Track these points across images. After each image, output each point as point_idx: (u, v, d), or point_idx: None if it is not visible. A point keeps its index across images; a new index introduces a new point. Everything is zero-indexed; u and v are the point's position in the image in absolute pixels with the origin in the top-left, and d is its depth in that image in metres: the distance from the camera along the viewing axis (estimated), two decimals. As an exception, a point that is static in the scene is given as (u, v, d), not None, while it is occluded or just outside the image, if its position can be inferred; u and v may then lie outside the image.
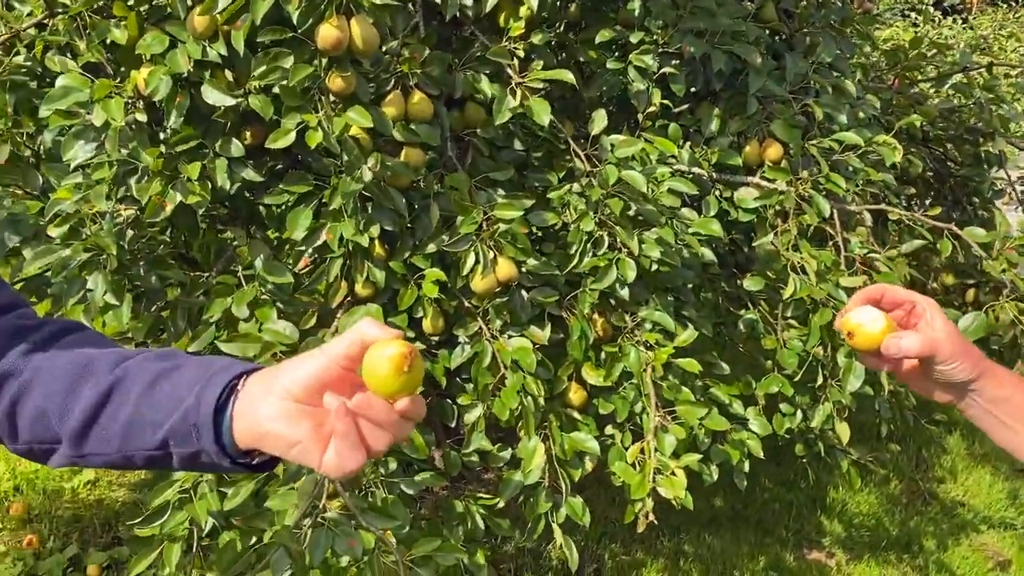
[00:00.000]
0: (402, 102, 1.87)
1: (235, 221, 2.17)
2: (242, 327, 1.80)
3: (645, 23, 2.16)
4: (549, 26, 2.35)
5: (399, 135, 1.86)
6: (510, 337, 1.98)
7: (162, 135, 1.83)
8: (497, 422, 1.91)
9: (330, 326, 1.88)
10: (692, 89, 2.34)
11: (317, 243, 1.86)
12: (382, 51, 1.86)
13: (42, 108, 1.69)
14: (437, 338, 2.02)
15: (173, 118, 1.71)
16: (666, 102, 2.22)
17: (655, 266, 1.97)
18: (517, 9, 2.00)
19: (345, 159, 1.75)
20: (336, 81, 1.69)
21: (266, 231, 2.16)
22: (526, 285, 2.01)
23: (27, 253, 1.78)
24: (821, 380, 2.17)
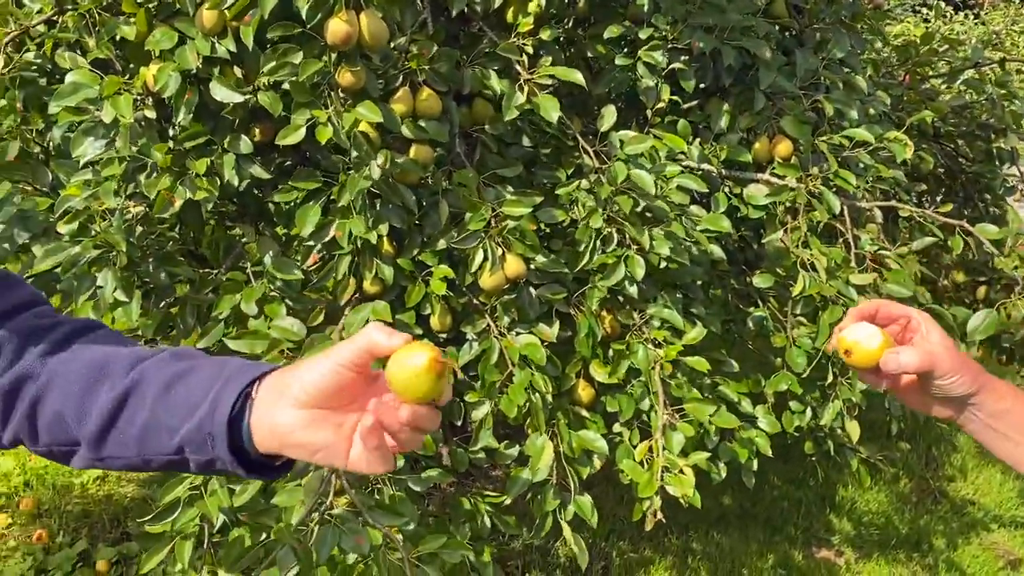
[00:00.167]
0: (411, 99, 1.87)
1: (244, 218, 2.18)
2: (251, 324, 1.81)
3: (654, 19, 2.15)
4: (558, 22, 2.34)
5: (408, 132, 1.86)
6: (518, 334, 1.97)
7: (171, 132, 1.84)
8: (505, 419, 1.91)
9: (338, 323, 1.88)
10: (701, 85, 2.33)
11: (326, 240, 1.86)
12: (390, 47, 1.86)
13: (51, 104, 1.69)
14: (445, 335, 2.02)
15: (182, 115, 1.71)
16: (675, 98, 2.21)
17: (664, 263, 1.96)
18: (526, 5, 2.00)
19: (354, 155, 1.75)
20: (345, 76, 1.68)
21: (275, 228, 2.16)
22: (534, 282, 2.01)
23: (37, 250, 1.79)
24: (831, 378, 2.16)
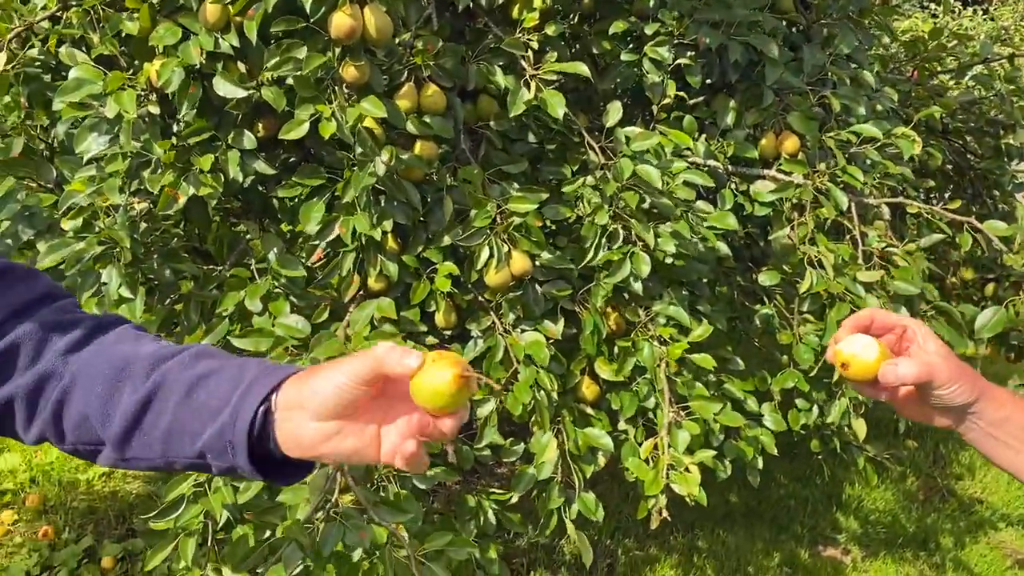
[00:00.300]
0: (415, 95, 1.86)
1: (248, 215, 2.17)
2: (255, 321, 1.80)
3: (660, 14, 2.14)
4: (563, 17, 2.33)
5: (412, 128, 1.85)
6: (523, 331, 1.96)
7: (175, 128, 1.83)
8: (510, 417, 1.90)
9: (343, 320, 1.87)
10: (708, 81, 2.32)
11: (330, 237, 1.85)
12: (395, 43, 1.85)
13: (55, 100, 1.69)
14: (450, 332, 2.02)
15: (185, 110, 1.71)
16: (681, 94, 2.20)
17: (670, 260, 1.95)
18: (531, 0, 1.99)
19: (359, 151, 1.74)
20: (350, 70, 1.68)
21: (279, 225, 2.16)
22: (539, 279, 2.00)
23: (41, 246, 1.79)
24: (837, 376, 2.15)
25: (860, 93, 2.33)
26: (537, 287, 1.99)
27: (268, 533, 1.66)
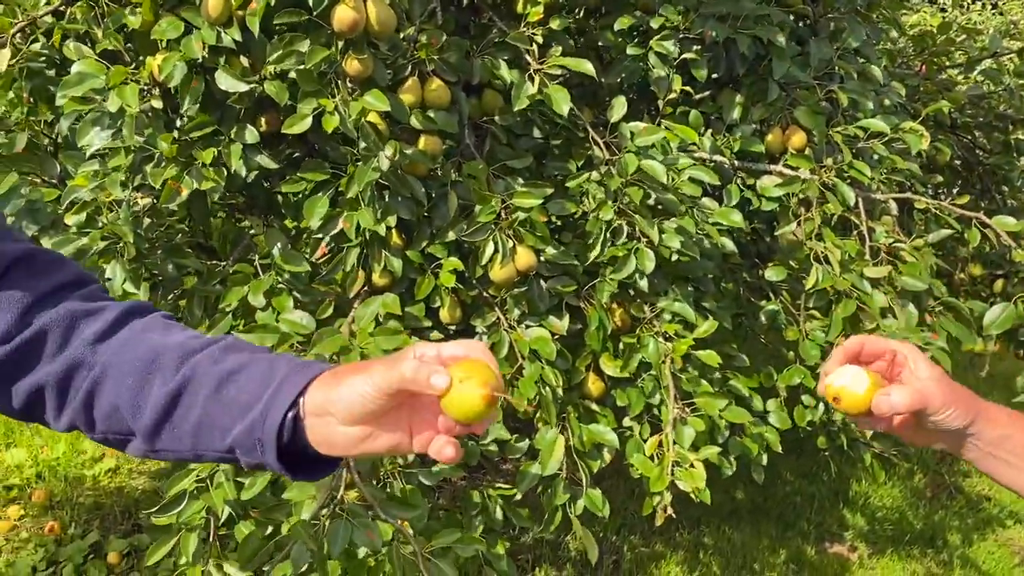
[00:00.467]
0: (419, 89, 1.85)
1: (253, 210, 2.17)
2: (259, 316, 1.80)
3: (665, 8, 2.12)
4: (568, 11, 2.31)
5: (416, 122, 1.84)
6: (528, 327, 1.95)
7: (177, 122, 1.83)
8: (515, 413, 1.89)
9: (348, 316, 1.87)
10: (714, 75, 2.30)
11: (334, 232, 1.84)
12: (399, 37, 1.84)
13: (58, 95, 1.69)
14: (454, 328, 2.01)
15: (187, 104, 1.70)
16: (687, 89, 2.18)
17: (675, 256, 1.94)
18: (536, -6, 1.97)
19: (362, 146, 1.73)
20: (353, 64, 1.67)
21: (283, 220, 2.15)
22: (544, 275, 1.99)
23: (45, 242, 1.78)
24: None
25: (868, 88, 2.31)
26: (542, 283, 1.98)
27: (271, 530, 1.66)
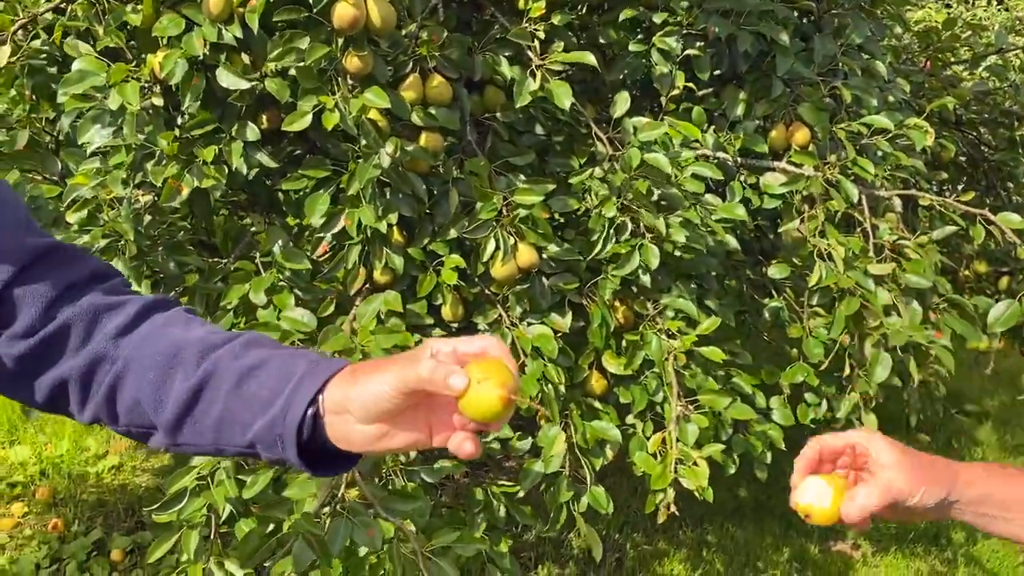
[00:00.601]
0: (421, 86, 1.85)
1: (254, 207, 2.16)
2: (260, 314, 1.79)
3: (668, 4, 2.11)
4: (571, 8, 2.31)
5: (418, 119, 1.83)
6: (530, 325, 1.95)
7: (179, 119, 1.82)
8: (518, 410, 1.89)
9: (349, 313, 1.86)
10: (717, 72, 2.29)
11: (335, 229, 1.84)
12: (401, 34, 1.83)
13: (59, 92, 1.68)
14: (456, 325, 2.00)
15: (188, 102, 1.70)
16: (690, 85, 2.17)
17: (679, 251, 1.93)
18: (538, -10, 1.97)
19: (363, 143, 1.72)
20: (353, 61, 1.66)
21: (285, 218, 2.15)
22: (547, 272, 1.98)
23: (46, 239, 1.78)
24: (848, 370, 2.12)
25: (872, 84, 2.30)
26: (544, 280, 1.98)
27: (272, 527, 1.65)
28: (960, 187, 3.11)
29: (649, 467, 1.88)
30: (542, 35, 1.92)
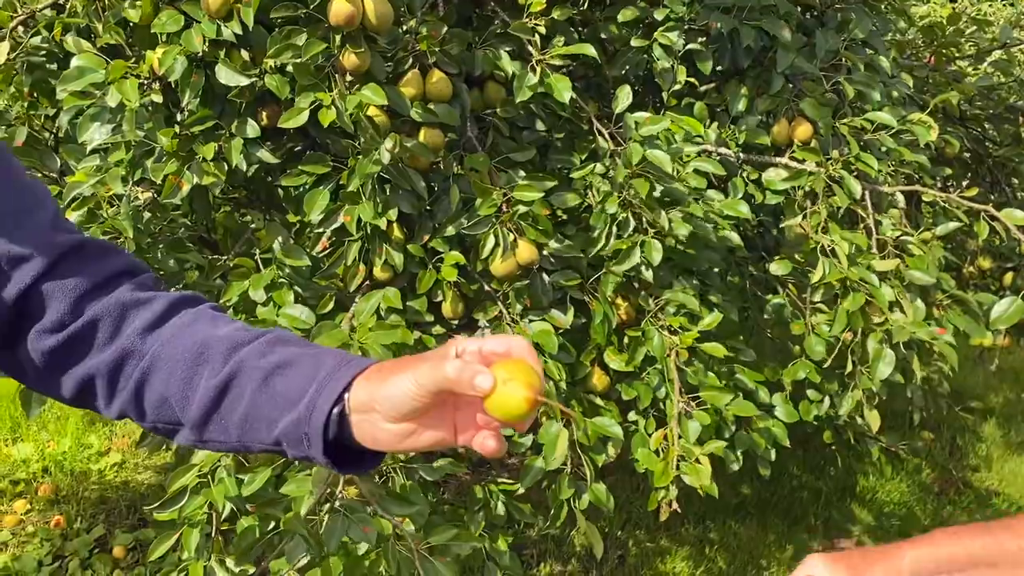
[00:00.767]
0: (420, 81, 1.84)
1: (254, 204, 2.16)
2: (260, 311, 1.79)
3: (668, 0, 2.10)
4: (572, 3, 2.29)
5: (417, 115, 1.82)
6: (531, 321, 1.94)
7: (178, 116, 1.82)
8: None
9: (348, 310, 1.86)
10: (719, 67, 2.28)
11: (335, 226, 1.83)
12: (400, 30, 1.83)
13: (57, 89, 1.68)
14: (457, 322, 2.00)
15: (188, 98, 1.69)
16: (692, 80, 2.16)
17: (681, 246, 1.92)
18: (538, -15, 1.96)
19: (362, 140, 1.72)
20: (350, 58, 1.66)
21: (285, 214, 2.14)
22: (548, 268, 1.97)
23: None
24: (850, 367, 2.11)
25: (875, 79, 2.28)
26: (545, 276, 1.97)
27: (272, 525, 1.65)
28: (964, 183, 3.09)
29: (651, 464, 1.88)
30: (543, 30, 1.91)
